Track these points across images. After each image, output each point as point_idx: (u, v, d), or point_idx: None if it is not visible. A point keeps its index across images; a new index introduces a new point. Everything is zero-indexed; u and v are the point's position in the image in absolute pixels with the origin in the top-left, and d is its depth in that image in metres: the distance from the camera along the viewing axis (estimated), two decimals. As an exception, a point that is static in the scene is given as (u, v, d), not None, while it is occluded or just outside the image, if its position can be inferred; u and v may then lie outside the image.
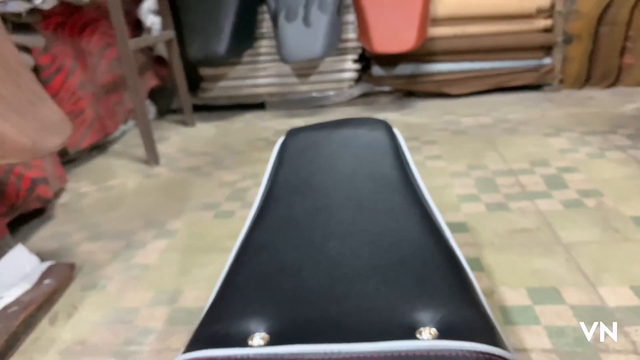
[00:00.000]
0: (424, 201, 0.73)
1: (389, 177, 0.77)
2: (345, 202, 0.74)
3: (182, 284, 0.99)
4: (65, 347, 0.85)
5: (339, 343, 0.47)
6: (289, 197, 0.77)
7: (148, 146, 1.71)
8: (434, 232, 0.66)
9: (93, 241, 1.21)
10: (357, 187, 0.76)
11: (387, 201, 0.73)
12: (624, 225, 1.04)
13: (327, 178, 0.79)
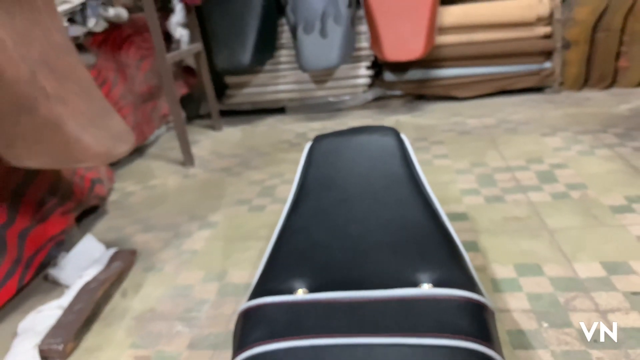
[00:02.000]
0: (426, 193, 0.91)
1: (398, 174, 0.96)
2: (362, 195, 0.93)
3: (227, 265, 1.19)
4: (137, 315, 1.05)
5: (359, 291, 0.66)
6: (317, 192, 0.96)
7: (184, 149, 1.92)
8: (433, 216, 0.85)
9: (145, 232, 1.41)
10: (372, 183, 0.95)
11: (395, 194, 0.92)
12: (603, 213, 1.22)
13: (347, 176, 0.98)
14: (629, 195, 1.28)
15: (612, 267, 1.01)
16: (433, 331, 0.60)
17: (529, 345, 0.84)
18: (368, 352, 0.59)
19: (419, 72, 2.37)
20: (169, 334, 0.97)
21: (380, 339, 0.60)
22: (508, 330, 0.88)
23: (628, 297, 0.92)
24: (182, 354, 0.92)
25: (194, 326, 0.99)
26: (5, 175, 1.16)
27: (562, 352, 0.81)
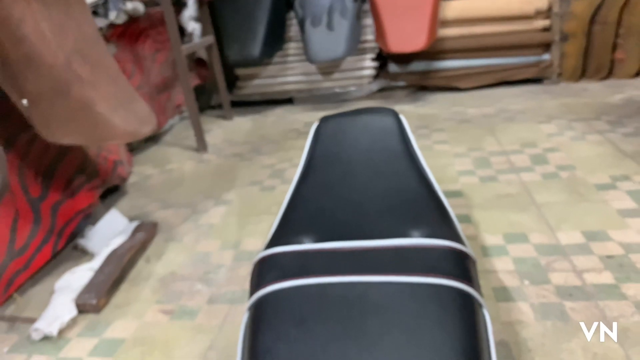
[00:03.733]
0: (420, 166, 1.02)
1: (396, 150, 1.07)
2: (363, 168, 1.04)
3: (242, 236, 1.30)
4: (161, 277, 1.16)
5: (359, 241, 0.77)
6: (323, 166, 1.07)
7: (198, 136, 2.03)
8: (425, 185, 0.96)
9: (165, 209, 1.53)
10: (372, 157, 1.06)
11: (393, 166, 1.03)
12: (587, 190, 1.32)
13: (350, 152, 1.09)
14: (614, 175, 1.38)
15: (592, 235, 1.11)
16: (421, 271, 0.71)
17: (511, 298, 0.94)
18: (365, 288, 0.70)
19: (422, 64, 2.47)
20: (190, 292, 1.09)
21: (375, 277, 0.71)
22: (493, 287, 0.98)
23: (603, 260, 1.02)
24: (202, 308, 1.03)
25: (212, 285, 1.10)
26: (40, 155, 1.28)
27: (540, 304, 0.92)
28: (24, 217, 1.19)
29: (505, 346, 0.83)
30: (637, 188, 1.29)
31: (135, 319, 1.02)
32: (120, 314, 1.05)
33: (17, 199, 1.19)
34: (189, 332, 0.96)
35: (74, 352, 0.95)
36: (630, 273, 0.97)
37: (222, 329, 0.96)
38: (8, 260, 1.12)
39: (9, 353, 0.97)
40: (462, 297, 0.69)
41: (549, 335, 0.84)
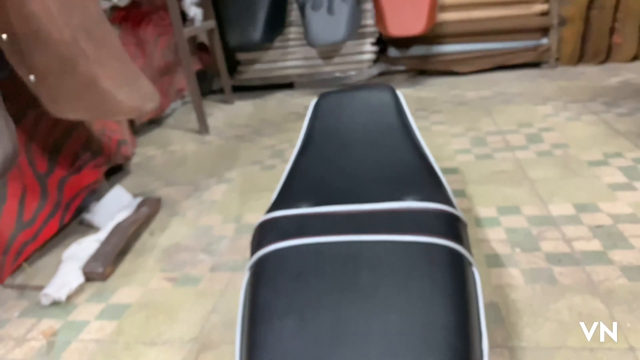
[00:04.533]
0: (415, 138, 1.05)
1: (392, 125, 1.10)
2: (361, 141, 1.07)
3: (243, 210, 1.34)
4: (165, 248, 1.20)
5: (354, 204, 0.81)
6: (322, 139, 1.10)
7: (200, 118, 2.07)
8: (419, 156, 0.99)
9: (168, 187, 1.57)
10: (369, 131, 1.09)
11: (389, 139, 1.06)
12: (579, 166, 1.35)
13: (348, 126, 1.12)
14: (607, 152, 1.41)
15: (582, 207, 1.14)
16: (412, 231, 0.75)
17: (502, 264, 0.98)
18: (359, 246, 0.74)
19: (422, 48, 2.49)
20: (193, 261, 1.13)
21: (369, 237, 0.75)
22: (485, 254, 1.02)
23: (592, 229, 1.05)
24: (204, 275, 1.07)
25: (214, 255, 1.14)
26: (47, 133, 1.31)
27: (530, 269, 0.95)
28: (32, 191, 1.23)
29: (495, 307, 0.86)
30: (628, 164, 1.32)
31: (140, 286, 1.06)
32: (125, 282, 1.08)
33: (25, 174, 1.23)
34: (192, 297, 1.00)
35: (82, 316, 0.99)
36: (618, 241, 1.00)
37: (224, 293, 1.00)
38: (17, 232, 1.16)
39: (19, 317, 1.01)
40: (451, 255, 0.72)
41: (537, 297, 0.87)
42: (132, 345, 0.89)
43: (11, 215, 1.16)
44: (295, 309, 0.67)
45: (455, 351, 0.59)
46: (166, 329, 0.92)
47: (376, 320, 0.63)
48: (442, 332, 0.61)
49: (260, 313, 0.68)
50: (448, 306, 0.65)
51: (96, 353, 0.88)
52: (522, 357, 0.75)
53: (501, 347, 0.78)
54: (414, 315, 0.63)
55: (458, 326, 0.62)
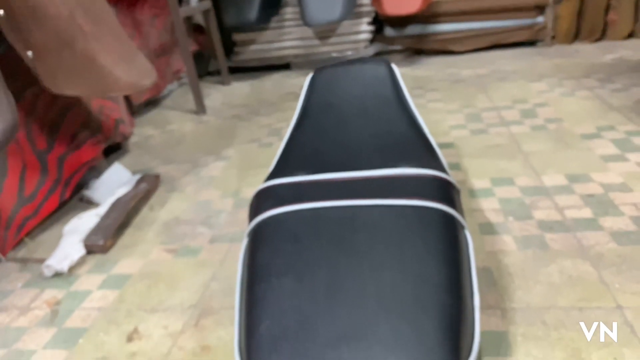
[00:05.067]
0: (410, 110, 1.07)
1: (387, 96, 1.11)
2: (356, 114, 1.08)
3: (241, 186, 1.35)
4: (165, 222, 1.22)
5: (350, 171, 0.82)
6: (318, 113, 1.11)
7: (197, 98, 2.07)
8: (414, 127, 1.00)
9: (167, 164, 1.58)
10: (365, 103, 1.10)
11: (385, 111, 1.07)
12: (573, 139, 1.37)
13: (344, 99, 1.13)
14: (600, 126, 1.43)
15: (574, 177, 1.16)
16: (406, 195, 0.77)
17: (495, 232, 1.00)
18: (355, 211, 0.76)
19: (418, 28, 2.49)
20: (192, 233, 1.15)
21: (365, 201, 0.76)
22: (479, 223, 1.04)
23: (583, 198, 1.07)
24: (204, 247, 1.09)
25: (213, 228, 1.16)
26: (45, 110, 1.32)
27: (522, 236, 0.97)
28: (32, 168, 1.24)
29: (487, 271, 0.89)
30: (621, 137, 1.34)
31: (141, 257, 1.08)
32: (126, 254, 1.10)
33: (25, 151, 1.24)
34: (192, 267, 1.02)
35: (84, 286, 1.01)
36: (609, 208, 1.02)
37: (223, 263, 1.02)
38: (18, 207, 1.18)
39: (23, 288, 1.03)
40: (444, 218, 0.74)
41: (528, 262, 0.90)
42: (133, 312, 0.91)
43: (12, 190, 1.17)
44: (293, 268, 0.69)
45: (447, 306, 0.61)
46: (167, 296, 0.94)
47: (370, 278, 0.65)
48: (434, 289, 0.63)
49: (259, 273, 0.70)
50: (440, 265, 0.67)
51: (99, 320, 0.90)
52: (514, 317, 0.78)
53: (493, 308, 0.80)
54: (407, 273, 0.65)
55: (450, 283, 0.64)
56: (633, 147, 1.27)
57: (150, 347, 0.81)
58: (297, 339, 0.59)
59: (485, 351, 0.72)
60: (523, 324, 0.76)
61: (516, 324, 0.76)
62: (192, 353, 0.79)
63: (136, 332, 0.86)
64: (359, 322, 0.60)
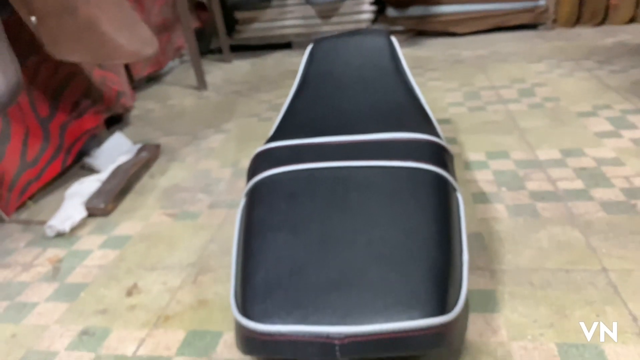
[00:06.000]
0: (407, 81, 1.08)
1: (386, 67, 1.13)
2: (355, 83, 1.10)
3: (240, 157, 1.37)
4: (165, 189, 1.24)
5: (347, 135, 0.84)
6: (317, 82, 1.13)
7: (198, 74, 2.08)
8: (411, 96, 1.02)
9: (167, 136, 1.60)
10: (363, 74, 1.12)
11: (383, 81, 1.09)
12: (569, 117, 1.38)
13: (343, 69, 1.14)
14: (596, 104, 1.44)
15: (568, 152, 1.18)
16: (400, 157, 0.79)
17: (488, 201, 1.02)
18: (349, 171, 0.78)
19: (420, 9, 2.49)
20: (192, 200, 1.17)
21: (359, 162, 0.79)
22: (473, 192, 1.06)
23: (576, 171, 1.09)
24: (203, 212, 1.11)
25: (212, 194, 1.18)
26: (48, 78, 1.34)
27: (514, 205, 1.00)
28: (34, 134, 1.26)
29: (479, 237, 0.91)
30: (616, 115, 1.36)
31: (141, 220, 1.11)
32: (127, 217, 1.13)
33: (27, 117, 1.26)
34: (191, 229, 1.04)
35: (85, 246, 1.03)
36: (600, 181, 1.04)
37: (221, 226, 1.04)
38: (21, 170, 1.20)
39: (25, 247, 1.06)
40: (436, 179, 0.76)
41: (519, 228, 0.92)
42: (133, 269, 0.94)
43: (15, 154, 1.19)
44: (288, 223, 0.71)
45: (435, 259, 0.63)
46: (166, 256, 0.96)
47: (362, 231, 0.67)
48: (424, 242, 0.65)
49: (255, 228, 0.72)
50: (430, 221, 0.69)
51: (99, 276, 0.93)
52: (502, 277, 0.80)
53: (483, 269, 0.82)
54: (398, 228, 0.67)
55: (439, 238, 0.67)
56: (628, 125, 1.29)
57: (149, 301, 0.84)
58: (290, 285, 0.62)
59: (473, 307, 0.74)
60: (511, 284, 0.78)
61: (504, 284, 0.79)
62: (190, 306, 0.82)
63: (135, 287, 0.88)
64: (349, 270, 0.62)
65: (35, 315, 0.84)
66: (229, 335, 0.74)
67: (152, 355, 0.72)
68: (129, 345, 0.75)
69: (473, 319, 0.72)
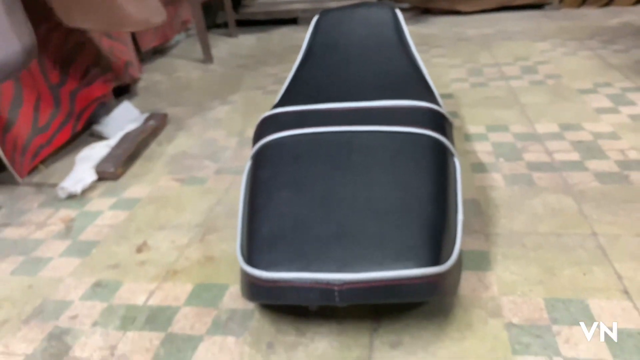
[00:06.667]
0: (410, 52, 1.11)
1: (389, 39, 1.15)
2: (359, 54, 1.12)
3: (245, 127, 1.40)
4: (172, 155, 1.28)
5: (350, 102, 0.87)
6: (323, 51, 1.15)
7: (204, 47, 2.10)
8: (413, 67, 1.05)
9: (174, 107, 1.63)
10: (368, 44, 1.14)
11: (386, 52, 1.11)
12: (570, 93, 1.41)
13: (348, 40, 1.17)
14: (597, 82, 1.46)
15: (567, 126, 1.21)
16: (401, 123, 0.82)
17: (486, 170, 1.05)
18: (352, 135, 0.81)
19: (426, -14, 2.49)
20: (199, 166, 1.20)
21: (362, 127, 0.82)
22: (471, 162, 1.09)
23: (573, 144, 1.12)
24: (210, 177, 1.15)
25: (218, 162, 1.21)
26: (58, 46, 1.36)
27: (511, 175, 1.03)
28: (45, 100, 1.29)
29: (475, 203, 0.94)
30: (616, 92, 1.38)
31: (150, 184, 1.14)
32: (136, 181, 1.17)
33: (38, 83, 1.29)
34: (198, 193, 1.08)
35: (96, 207, 1.07)
36: (596, 153, 1.07)
37: (228, 191, 1.08)
38: (33, 135, 1.23)
39: (39, 208, 1.10)
40: (435, 144, 0.79)
41: (515, 196, 0.95)
42: (143, 229, 0.98)
43: (27, 119, 1.23)
44: (292, 182, 0.75)
45: (431, 216, 0.67)
46: (174, 217, 1.00)
47: (362, 190, 0.71)
48: (421, 200, 0.69)
49: (261, 187, 0.76)
50: (428, 182, 0.72)
51: (110, 235, 0.97)
52: (496, 240, 0.84)
53: (478, 232, 0.86)
54: (397, 187, 0.71)
55: (436, 198, 0.70)
56: (627, 101, 1.31)
57: (158, 257, 0.88)
58: (293, 238, 0.66)
59: (468, 266, 0.78)
60: (504, 245, 0.82)
61: (498, 246, 0.82)
62: (197, 262, 0.86)
63: (145, 245, 0.92)
64: (349, 224, 0.66)
65: (50, 269, 0.88)
66: (235, 287, 0.78)
67: (162, 305, 0.76)
68: (140, 296, 0.79)
69: (467, 276, 0.76)
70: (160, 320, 0.73)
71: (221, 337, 0.69)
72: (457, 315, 0.69)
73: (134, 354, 0.68)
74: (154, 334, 0.71)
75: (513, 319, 0.67)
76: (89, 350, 0.69)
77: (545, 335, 0.64)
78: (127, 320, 0.74)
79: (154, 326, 0.72)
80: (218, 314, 0.73)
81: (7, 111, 1.17)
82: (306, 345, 0.66)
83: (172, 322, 0.72)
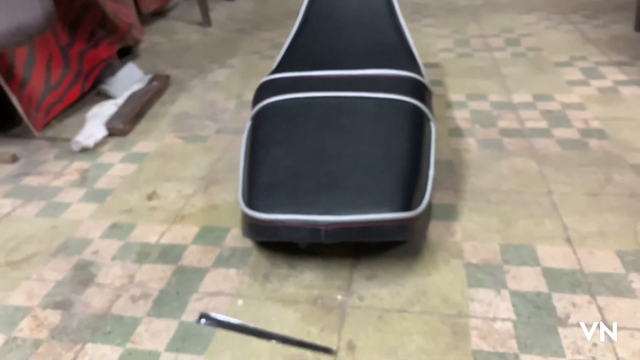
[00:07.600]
0: (399, 24, 1.20)
1: (381, 11, 1.24)
2: (351, 24, 1.22)
3: (243, 90, 1.50)
4: (175, 115, 1.38)
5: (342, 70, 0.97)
6: (317, 21, 1.25)
7: (203, 11, 2.17)
8: (401, 38, 1.15)
9: (175, 69, 1.72)
10: (360, 16, 1.24)
11: (377, 24, 1.21)
12: (547, 65, 1.51)
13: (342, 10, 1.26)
14: (574, 56, 1.57)
15: (539, 97, 1.32)
16: (385, 90, 0.92)
17: (462, 135, 1.16)
18: (341, 100, 0.92)
19: (421, -45, 2.54)
20: (200, 125, 1.31)
21: (350, 93, 0.92)
22: (449, 128, 1.20)
23: (542, 113, 1.23)
24: (211, 136, 1.25)
25: (219, 122, 1.32)
26: (66, 9, 1.43)
27: (484, 140, 1.14)
28: (56, 60, 1.38)
29: (449, 164, 1.06)
30: (590, 66, 1.48)
31: (156, 141, 1.25)
32: (143, 138, 1.27)
33: (49, 44, 1.37)
34: (200, 150, 1.19)
35: (107, 160, 1.18)
36: (562, 122, 1.19)
37: (228, 148, 1.19)
38: (46, 92, 1.32)
39: (54, 160, 1.20)
40: (414, 110, 0.90)
41: (485, 158, 1.07)
42: (151, 180, 1.09)
43: (40, 77, 1.31)
44: (287, 139, 0.86)
45: (405, 170, 0.78)
46: (180, 170, 1.11)
47: (348, 147, 0.82)
48: (397, 157, 0.80)
49: (260, 143, 0.87)
50: (405, 141, 0.83)
51: (122, 184, 1.08)
52: (464, 196, 0.96)
53: (449, 189, 0.98)
54: (378, 145, 0.82)
55: (411, 155, 0.81)
56: (598, 75, 1.42)
57: (167, 204, 1.00)
58: (288, 186, 0.77)
59: (437, 217, 0.90)
60: (471, 200, 0.94)
61: (465, 200, 0.94)
62: (202, 209, 0.97)
63: (155, 193, 1.03)
64: (335, 175, 0.77)
65: (70, 212, 1.00)
66: (236, 230, 0.90)
67: (172, 243, 0.88)
68: (152, 236, 0.91)
69: (435, 225, 0.88)
70: (171, 255, 0.85)
71: (224, 270, 0.81)
72: (424, 255, 0.81)
73: (150, 281, 0.80)
74: (167, 266, 0.83)
75: (472, 259, 0.80)
76: (111, 278, 0.81)
77: (496, 272, 0.77)
78: (142, 255, 0.86)
79: (166, 260, 0.84)
80: (221, 251, 0.85)
81: (22, 70, 1.26)
82: (296, 276, 0.79)
83: (182, 257, 0.84)
